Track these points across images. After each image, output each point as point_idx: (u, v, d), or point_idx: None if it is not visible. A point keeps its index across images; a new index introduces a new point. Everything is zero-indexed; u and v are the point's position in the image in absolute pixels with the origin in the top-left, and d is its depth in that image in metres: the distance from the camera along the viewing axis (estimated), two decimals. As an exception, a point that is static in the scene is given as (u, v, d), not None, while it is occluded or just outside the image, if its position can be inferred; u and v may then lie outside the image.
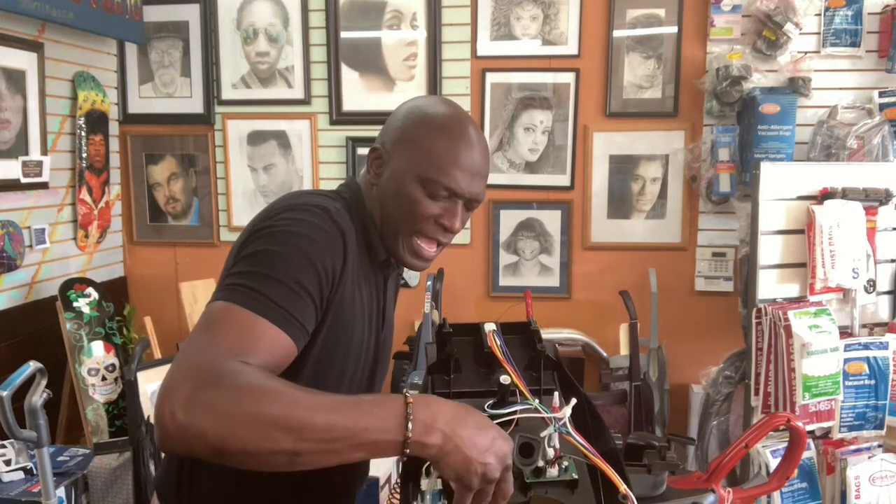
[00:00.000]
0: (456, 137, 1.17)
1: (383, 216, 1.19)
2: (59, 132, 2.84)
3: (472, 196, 1.18)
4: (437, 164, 1.14)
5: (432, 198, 1.15)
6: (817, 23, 2.81)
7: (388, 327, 1.31)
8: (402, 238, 1.18)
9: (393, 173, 1.18)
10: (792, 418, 1.23)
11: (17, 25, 2.55)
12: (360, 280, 1.15)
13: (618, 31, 2.97)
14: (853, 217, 2.24)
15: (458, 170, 1.15)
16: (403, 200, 1.16)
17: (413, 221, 1.16)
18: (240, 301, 0.95)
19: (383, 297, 1.26)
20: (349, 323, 1.12)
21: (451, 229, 1.17)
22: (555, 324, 2.98)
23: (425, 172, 1.14)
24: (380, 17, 3.09)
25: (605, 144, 3.04)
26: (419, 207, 1.15)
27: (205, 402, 0.81)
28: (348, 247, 1.09)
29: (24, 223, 2.66)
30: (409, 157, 1.16)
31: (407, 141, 1.18)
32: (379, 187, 1.19)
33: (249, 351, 0.91)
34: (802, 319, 2.18)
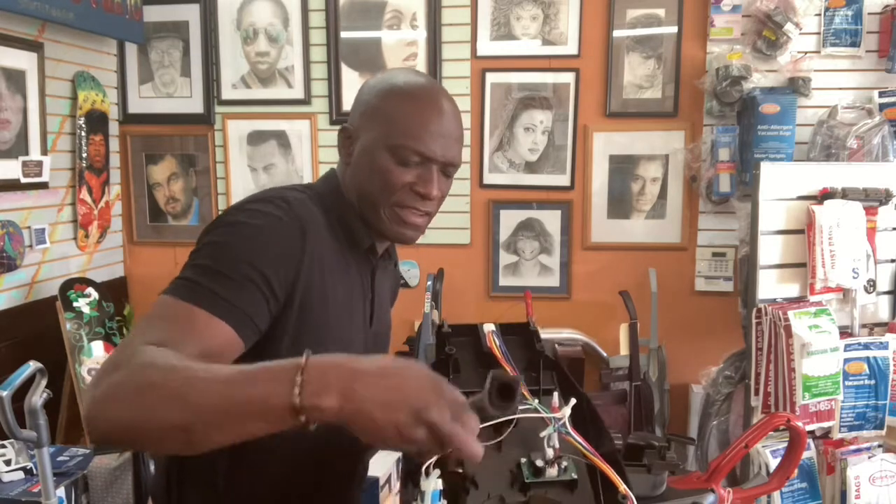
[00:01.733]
0: (423, 102, 1.13)
1: (360, 194, 1.16)
2: (59, 132, 2.84)
3: (446, 160, 1.13)
4: (404, 129, 1.10)
5: (404, 164, 1.11)
6: (817, 23, 2.82)
7: (380, 322, 1.27)
8: (382, 211, 1.14)
9: (363, 148, 1.15)
10: (792, 418, 1.23)
11: (17, 25, 2.55)
12: (336, 272, 1.12)
13: (618, 31, 2.97)
14: (853, 217, 2.24)
15: (426, 133, 1.10)
16: (375, 172, 1.12)
17: (388, 192, 1.12)
18: (179, 294, 0.95)
19: (371, 290, 1.22)
20: (321, 316, 1.09)
21: (427, 195, 1.12)
22: (555, 324, 2.98)
23: (393, 139, 1.10)
24: (380, 17, 3.09)
25: (605, 144, 3.04)
26: (391, 176, 1.11)
27: (107, 385, 0.79)
28: (309, 236, 1.06)
29: (24, 223, 2.66)
30: (376, 127, 1.13)
31: (373, 113, 1.14)
32: (352, 166, 1.17)
33: (179, 339, 0.88)
34: (802, 319, 2.18)
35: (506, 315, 3.11)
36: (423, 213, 1.15)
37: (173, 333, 0.89)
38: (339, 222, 1.16)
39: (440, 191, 1.14)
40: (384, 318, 1.30)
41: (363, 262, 1.20)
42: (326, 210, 1.15)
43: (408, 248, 3.19)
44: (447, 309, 3.08)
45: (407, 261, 3.19)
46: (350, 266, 1.17)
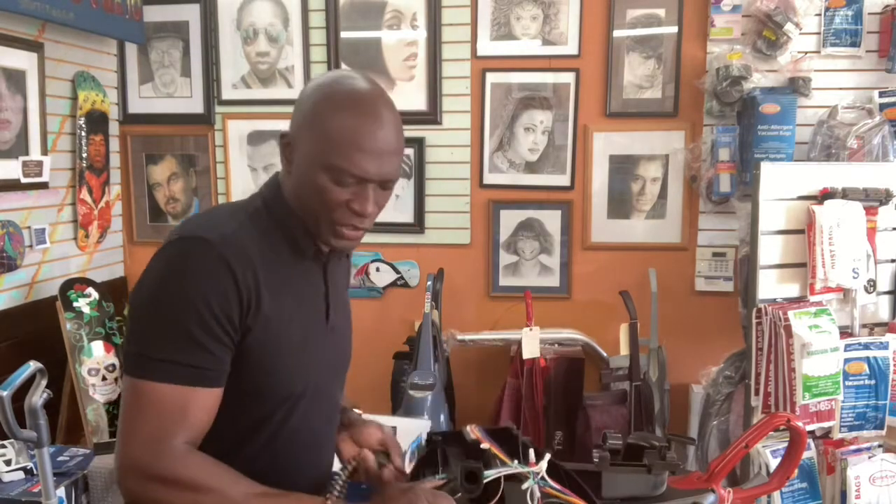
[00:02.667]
0: (358, 116, 1.10)
1: (301, 205, 1.16)
2: (59, 132, 2.84)
3: (381, 178, 1.13)
4: (338, 149, 1.09)
5: (339, 184, 1.10)
6: (817, 23, 2.81)
7: (337, 312, 1.28)
8: (322, 225, 1.15)
9: (300, 161, 1.14)
10: (792, 418, 1.23)
11: (17, 25, 2.55)
12: (283, 284, 1.13)
13: (618, 31, 2.97)
14: (853, 217, 2.24)
15: (360, 154, 1.09)
16: (312, 189, 1.12)
17: (325, 210, 1.12)
18: (153, 375, 1.02)
19: (325, 285, 1.24)
20: (276, 332, 1.11)
21: (363, 214, 1.13)
22: (555, 324, 2.97)
23: (328, 159, 1.09)
24: (380, 17, 3.09)
25: (605, 144, 3.04)
26: (328, 196, 1.11)
27: (151, 497, 1.02)
28: (237, 270, 1.05)
29: (25, 223, 2.66)
30: (312, 141, 1.12)
31: (309, 124, 1.13)
32: (292, 176, 1.16)
33: (177, 428, 1.02)
34: (802, 319, 2.18)
35: (506, 315, 3.11)
36: (362, 229, 1.17)
37: (172, 423, 1.02)
38: (284, 232, 1.17)
39: (377, 206, 1.15)
40: (342, 307, 1.32)
41: (313, 262, 1.21)
42: (268, 223, 1.16)
43: (408, 248, 3.21)
44: (447, 309, 3.08)
45: (407, 261, 3.19)
46: (299, 271, 1.18)
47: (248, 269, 1.07)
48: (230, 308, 1.04)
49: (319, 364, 1.21)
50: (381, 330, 3.11)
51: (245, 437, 1.14)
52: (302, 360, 1.17)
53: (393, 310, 3.18)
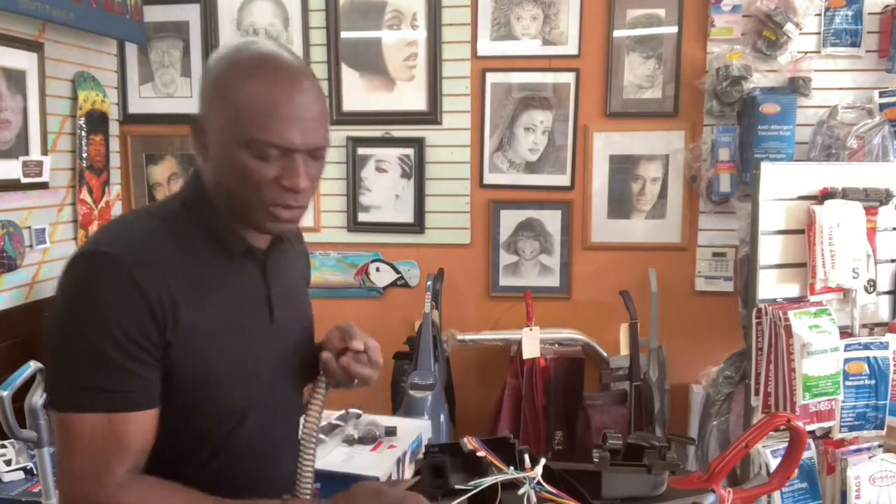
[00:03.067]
0: (270, 81, 0.99)
1: (226, 194, 1.05)
2: (59, 132, 2.84)
3: (309, 146, 1.01)
4: (254, 120, 0.98)
5: (263, 160, 0.99)
6: (817, 23, 2.81)
7: (289, 310, 1.17)
8: (254, 210, 1.04)
9: (215, 143, 1.03)
10: (792, 418, 1.23)
11: (17, 25, 2.55)
12: (206, 292, 1.04)
13: (618, 31, 2.97)
14: (853, 217, 2.24)
15: (280, 121, 0.98)
16: (234, 172, 1.01)
17: (254, 191, 1.01)
18: (79, 407, 0.95)
19: (265, 285, 1.13)
20: (206, 343, 1.02)
21: (295, 189, 1.01)
22: (555, 324, 2.98)
23: (244, 133, 0.98)
24: (380, 17, 3.09)
25: (605, 144, 3.04)
26: (252, 175, 1.00)
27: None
28: (148, 287, 0.96)
29: (25, 223, 2.66)
30: (223, 118, 1.01)
31: (217, 100, 1.02)
32: (209, 163, 1.05)
33: (115, 457, 0.96)
34: (802, 319, 2.18)
35: (506, 315, 3.11)
36: (298, 206, 1.05)
37: (110, 455, 0.96)
38: (206, 232, 1.07)
39: (309, 178, 1.03)
40: (295, 305, 1.22)
41: (247, 260, 1.11)
42: (186, 225, 1.06)
43: (408, 248, 3.21)
44: (447, 309, 3.09)
45: (407, 261, 3.19)
46: (228, 273, 1.08)
47: (160, 283, 0.98)
48: (145, 326, 0.96)
49: (266, 370, 1.12)
50: (381, 330, 3.11)
51: (192, 452, 1.06)
52: (241, 369, 1.07)
53: (393, 310, 3.18)
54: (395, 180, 3.15)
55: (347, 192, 3.17)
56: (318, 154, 1.04)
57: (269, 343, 1.13)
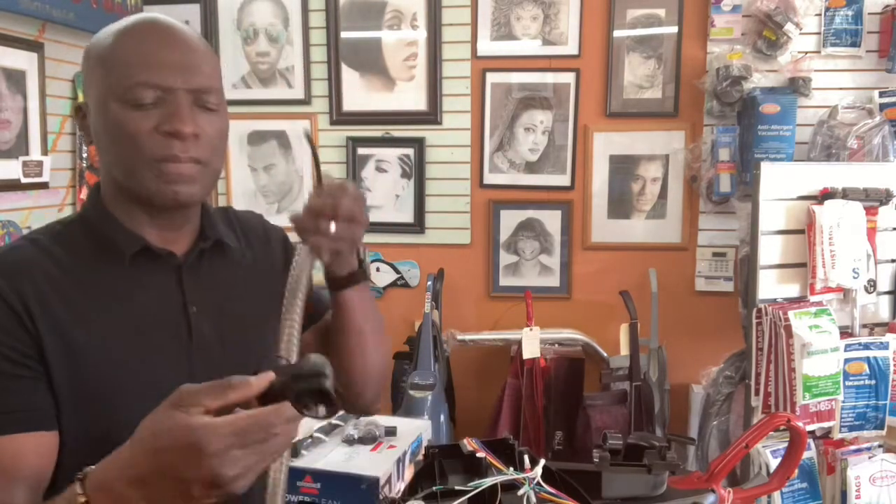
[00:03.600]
0: (142, 32, 0.95)
1: (118, 171, 0.95)
2: (59, 132, 2.84)
3: (190, 86, 0.93)
4: (124, 66, 0.91)
5: (139, 108, 0.91)
6: (817, 23, 2.81)
7: (216, 330, 1.00)
8: (142, 175, 0.93)
9: (96, 115, 0.95)
10: (792, 418, 1.23)
11: (17, 25, 2.55)
12: (92, 307, 0.91)
13: (618, 31, 2.97)
14: (853, 217, 2.24)
15: (151, 60, 0.91)
16: (114, 133, 0.92)
17: (135, 148, 0.91)
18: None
19: (181, 293, 0.98)
20: (98, 362, 0.90)
21: (178, 133, 0.91)
22: (555, 324, 2.98)
23: (117, 83, 0.91)
24: (380, 17, 3.09)
25: (605, 144, 3.04)
26: (129, 126, 0.91)
27: None
28: (12, 299, 0.86)
29: (25, 223, 2.66)
30: (98, 85, 0.94)
31: (93, 72, 0.96)
32: (97, 146, 0.97)
33: (9, 482, 0.84)
34: (803, 319, 2.18)
35: (506, 315, 3.11)
36: (189, 159, 0.93)
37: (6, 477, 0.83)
38: (99, 239, 0.96)
39: (197, 126, 0.93)
40: (239, 324, 1.03)
41: (154, 267, 0.98)
42: (78, 235, 0.96)
43: (408, 248, 3.21)
44: (447, 309, 3.09)
45: (407, 261, 3.19)
46: (127, 281, 0.95)
47: (25, 290, 0.87)
48: (14, 334, 0.86)
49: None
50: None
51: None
52: (153, 394, 0.82)
53: (393, 310, 3.18)
54: (395, 180, 3.15)
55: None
56: (206, 102, 0.95)
57: (194, 365, 0.97)
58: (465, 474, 1.12)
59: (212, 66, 0.97)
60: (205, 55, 0.97)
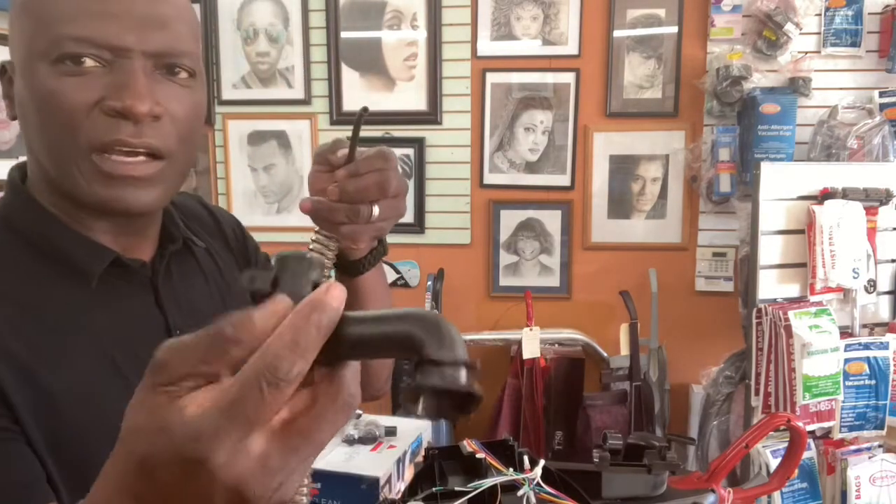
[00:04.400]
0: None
1: (42, 155, 0.71)
2: (59, 132, 2.84)
3: (149, 47, 0.67)
4: (56, 13, 0.65)
5: (76, 73, 0.65)
6: (817, 23, 2.81)
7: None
8: (76, 169, 0.68)
9: (20, 81, 0.70)
10: (792, 418, 1.23)
11: (18, 25, 2.55)
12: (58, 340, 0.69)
13: (618, 31, 2.97)
14: (853, 217, 2.24)
15: (93, 5, 0.65)
16: (42, 106, 0.67)
17: (67, 130, 0.67)
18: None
19: (161, 313, 0.78)
20: (75, 412, 0.68)
21: (130, 112, 0.65)
22: (555, 324, 2.98)
23: (43, 36, 0.66)
24: (380, 17, 3.09)
25: (605, 144, 3.04)
26: (59, 98, 0.66)
27: None
28: None
29: (25, 223, 2.66)
30: (23, 35, 0.68)
31: (18, 18, 0.69)
32: (20, 119, 0.74)
33: None
34: (803, 319, 2.18)
35: (506, 315, 3.11)
36: (143, 148, 0.68)
37: None
38: (43, 249, 0.72)
39: (157, 102, 0.68)
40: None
41: (122, 284, 0.76)
42: (11, 247, 0.72)
43: (408, 248, 3.21)
44: (447, 309, 3.09)
45: (407, 261, 3.19)
46: (93, 306, 0.72)
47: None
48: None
49: None
50: (382, 330, 3.11)
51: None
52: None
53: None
54: (395, 180, 3.15)
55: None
56: (172, 69, 0.70)
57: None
58: (464, 475, 1.12)
59: (186, 21, 0.71)
60: (177, 4, 0.70)
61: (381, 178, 0.75)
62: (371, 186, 0.74)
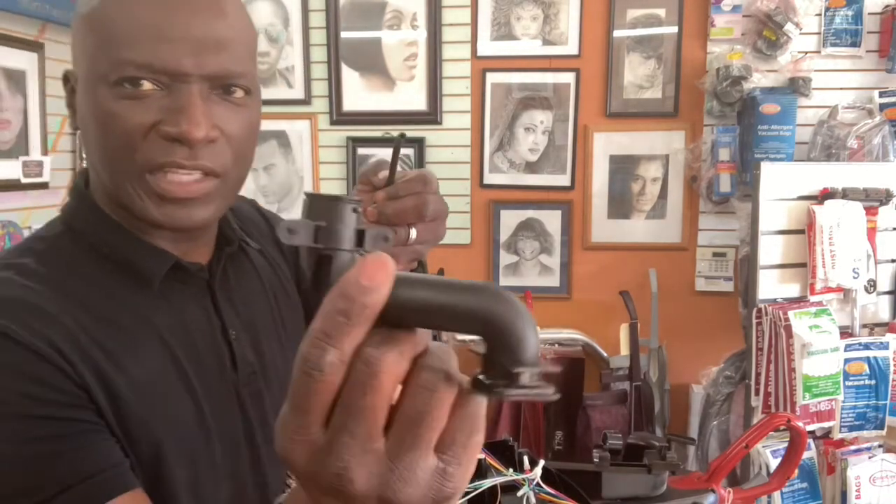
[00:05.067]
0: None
1: (102, 169, 0.73)
2: (59, 132, 2.84)
3: (206, 71, 0.68)
4: (113, 35, 0.67)
5: (133, 96, 0.67)
6: (817, 23, 2.81)
7: (264, 341, 0.83)
8: (131, 187, 0.70)
9: (82, 93, 0.74)
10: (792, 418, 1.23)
11: (17, 25, 2.55)
12: (124, 343, 0.71)
13: (618, 31, 2.97)
14: (853, 217, 2.24)
15: (149, 29, 0.66)
16: (101, 126, 0.70)
17: (125, 152, 0.68)
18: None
19: (218, 316, 0.79)
20: (138, 414, 0.70)
21: (185, 136, 0.67)
22: (555, 324, 2.98)
23: (103, 58, 0.68)
24: (380, 17, 3.09)
25: (605, 144, 3.04)
26: (118, 122, 0.67)
27: None
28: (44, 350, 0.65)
29: (25, 223, 2.66)
30: (85, 53, 0.71)
31: (80, 32, 0.72)
32: (82, 130, 0.76)
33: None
34: (803, 319, 2.18)
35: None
36: (198, 170, 0.69)
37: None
38: (105, 254, 0.74)
39: (213, 126, 0.69)
40: (273, 333, 0.86)
41: (181, 288, 0.77)
42: (75, 255, 0.74)
43: (408, 248, 3.20)
44: (447, 309, 3.08)
45: (407, 261, 3.18)
46: (153, 310, 0.74)
47: (57, 341, 0.66)
48: (65, 393, 0.65)
49: (242, 442, 0.79)
50: (382, 330, 3.11)
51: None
52: (194, 447, 0.74)
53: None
54: (395, 180, 3.15)
55: (347, 193, 3.16)
56: (229, 90, 0.70)
57: (244, 400, 0.80)
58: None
59: (243, 41, 0.71)
60: (234, 24, 0.70)
61: (419, 201, 0.77)
62: (409, 209, 0.75)
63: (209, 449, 0.74)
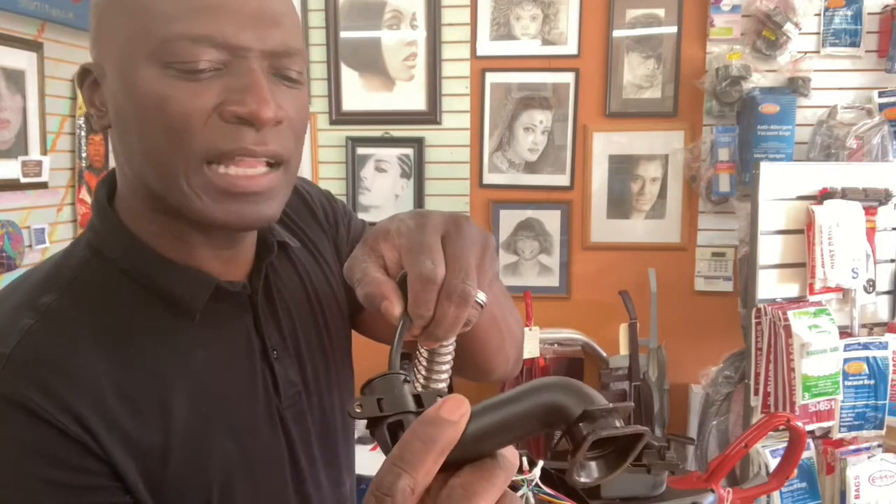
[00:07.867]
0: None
1: (147, 168, 0.63)
2: (58, 132, 2.84)
3: (267, 46, 0.61)
4: (161, 14, 0.59)
5: (190, 76, 0.59)
6: (817, 23, 2.82)
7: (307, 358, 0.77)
8: (188, 185, 0.61)
9: (117, 81, 0.62)
10: (791, 418, 1.23)
11: (17, 25, 2.55)
12: (161, 384, 0.65)
13: (617, 31, 2.97)
14: (853, 217, 2.24)
15: (211, 6, 0.59)
16: (147, 114, 0.60)
17: (182, 140, 0.60)
18: None
19: (259, 337, 0.72)
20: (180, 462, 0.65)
21: (256, 116, 0.60)
22: (555, 324, 2.98)
23: (151, 37, 0.59)
24: (379, 17, 3.09)
25: (604, 144, 3.04)
26: (173, 106, 0.59)
27: None
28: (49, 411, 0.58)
29: (24, 223, 2.66)
30: (122, 34, 0.61)
31: (113, 16, 0.62)
32: (114, 129, 0.65)
33: None
34: (802, 319, 2.18)
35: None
36: (266, 156, 0.62)
37: None
38: (148, 286, 0.66)
39: (279, 106, 0.62)
40: (318, 348, 0.78)
41: (227, 315, 0.71)
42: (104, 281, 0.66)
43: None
44: (447, 309, 3.08)
45: (407, 261, 3.18)
46: (192, 340, 0.68)
47: (79, 407, 0.60)
48: (84, 472, 0.60)
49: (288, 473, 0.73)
50: (381, 330, 3.11)
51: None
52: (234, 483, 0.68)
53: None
54: (394, 180, 3.15)
55: (347, 193, 3.17)
56: (287, 69, 0.63)
57: (287, 425, 0.73)
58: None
59: (295, 17, 0.65)
60: (285, 10, 0.64)
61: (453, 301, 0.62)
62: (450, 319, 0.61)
63: (253, 483, 0.69)
